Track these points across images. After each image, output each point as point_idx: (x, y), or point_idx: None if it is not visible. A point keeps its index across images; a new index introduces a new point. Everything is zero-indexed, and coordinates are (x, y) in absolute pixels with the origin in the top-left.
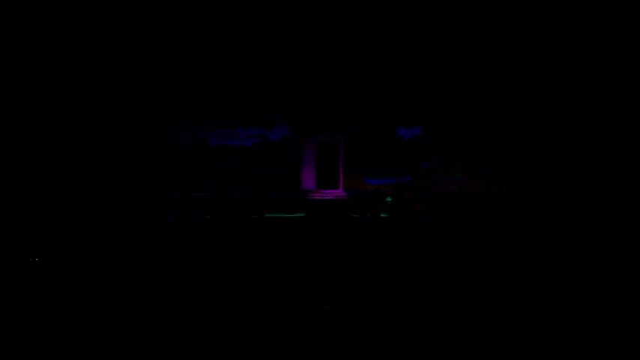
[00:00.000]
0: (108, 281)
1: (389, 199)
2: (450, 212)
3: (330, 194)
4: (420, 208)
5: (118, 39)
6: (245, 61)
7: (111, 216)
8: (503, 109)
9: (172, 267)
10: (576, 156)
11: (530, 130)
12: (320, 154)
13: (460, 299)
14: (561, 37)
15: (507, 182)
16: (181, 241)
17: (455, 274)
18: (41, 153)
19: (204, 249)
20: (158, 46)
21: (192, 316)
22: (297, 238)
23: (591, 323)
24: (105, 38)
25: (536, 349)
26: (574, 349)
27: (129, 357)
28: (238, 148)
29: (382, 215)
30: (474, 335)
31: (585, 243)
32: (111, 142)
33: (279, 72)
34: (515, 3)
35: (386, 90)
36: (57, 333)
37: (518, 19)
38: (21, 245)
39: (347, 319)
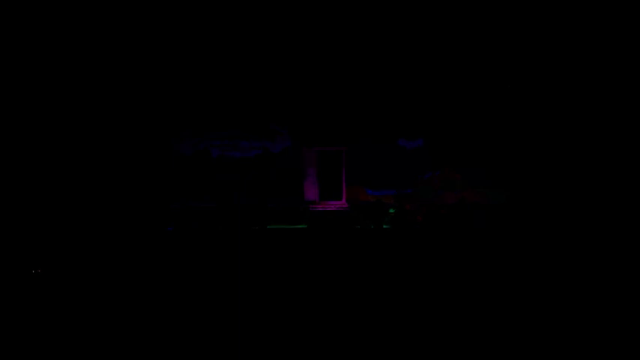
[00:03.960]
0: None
1: (392, 210)
2: (451, 223)
3: (333, 205)
4: (421, 220)
5: (120, 50)
6: (249, 76)
7: (112, 225)
8: (504, 123)
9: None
10: (575, 169)
11: (531, 144)
12: (322, 165)
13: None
14: (560, 55)
15: (507, 193)
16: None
17: (456, 287)
18: (44, 163)
19: (205, 259)
20: (161, 55)
21: (191, 323)
22: (300, 251)
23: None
24: (107, 49)
25: (533, 352)
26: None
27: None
28: (240, 159)
29: (384, 227)
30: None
31: (584, 253)
32: (112, 153)
33: (283, 88)
34: (514, 21)
35: (389, 103)
36: (57, 333)
37: (519, 35)
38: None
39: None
